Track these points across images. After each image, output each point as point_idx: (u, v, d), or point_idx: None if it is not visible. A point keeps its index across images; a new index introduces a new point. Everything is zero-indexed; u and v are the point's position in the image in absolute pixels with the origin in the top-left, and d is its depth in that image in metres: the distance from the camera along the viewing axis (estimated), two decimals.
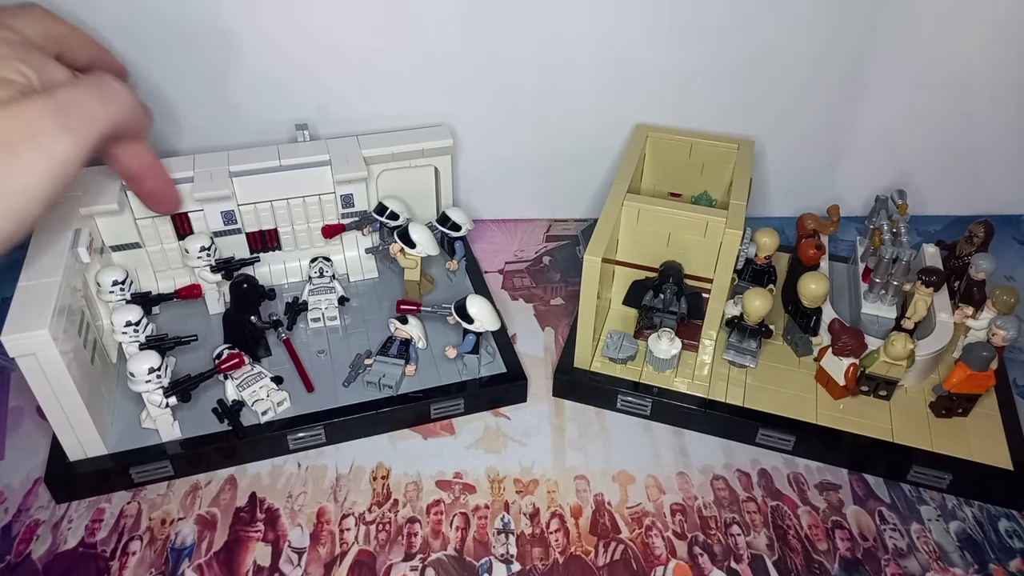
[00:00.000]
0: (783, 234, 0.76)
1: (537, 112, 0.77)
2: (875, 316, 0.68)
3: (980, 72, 0.76)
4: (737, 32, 0.72)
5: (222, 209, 0.68)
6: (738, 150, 0.71)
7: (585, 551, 0.56)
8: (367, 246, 0.75)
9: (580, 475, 0.61)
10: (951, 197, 0.87)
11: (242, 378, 0.61)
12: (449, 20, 0.69)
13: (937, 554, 0.56)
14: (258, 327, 0.66)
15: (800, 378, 0.66)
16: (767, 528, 0.58)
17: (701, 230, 0.63)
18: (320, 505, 0.58)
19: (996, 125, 0.81)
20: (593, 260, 0.59)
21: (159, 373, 0.56)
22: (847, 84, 0.77)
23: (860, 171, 0.84)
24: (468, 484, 0.60)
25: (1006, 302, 0.63)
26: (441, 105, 0.75)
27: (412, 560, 0.55)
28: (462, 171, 0.80)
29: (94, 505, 0.58)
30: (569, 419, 0.65)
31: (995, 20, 0.73)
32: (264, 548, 0.55)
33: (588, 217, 0.87)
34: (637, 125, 0.74)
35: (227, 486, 0.59)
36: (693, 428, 0.64)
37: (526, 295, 0.78)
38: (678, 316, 0.66)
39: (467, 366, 0.65)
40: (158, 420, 0.58)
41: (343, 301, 0.71)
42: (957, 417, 0.62)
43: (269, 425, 0.60)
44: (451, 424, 0.65)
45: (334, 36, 0.69)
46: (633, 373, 0.66)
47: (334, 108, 0.73)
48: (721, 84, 0.76)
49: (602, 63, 0.74)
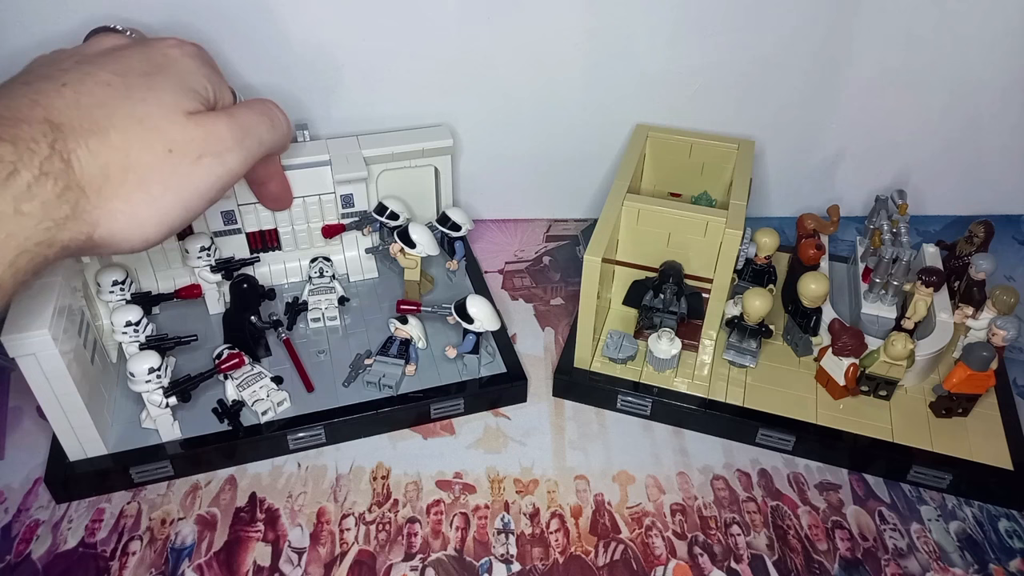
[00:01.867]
0: (783, 234, 0.76)
1: (537, 112, 0.77)
2: (875, 316, 0.68)
3: (980, 72, 0.77)
4: (737, 32, 0.72)
5: (222, 209, 0.68)
6: (738, 150, 0.71)
7: (585, 551, 0.56)
8: (367, 246, 0.75)
9: (580, 475, 0.61)
10: (951, 197, 0.87)
11: (242, 378, 0.61)
12: (450, 20, 0.69)
13: (937, 554, 0.56)
14: (258, 327, 0.66)
15: (800, 378, 0.66)
16: (767, 528, 0.58)
17: (701, 230, 0.63)
18: (320, 505, 0.58)
19: (996, 125, 0.81)
20: (593, 260, 0.59)
21: (159, 373, 0.56)
22: (847, 84, 0.77)
23: (860, 171, 0.84)
24: (468, 484, 0.60)
25: (1006, 302, 0.63)
26: (441, 105, 0.75)
27: (412, 560, 0.55)
28: (462, 171, 0.80)
29: (94, 505, 0.58)
30: (569, 419, 0.65)
31: (996, 20, 0.73)
32: (264, 548, 0.55)
33: (588, 217, 0.87)
34: (637, 125, 0.74)
35: (227, 486, 0.59)
36: (693, 428, 0.64)
37: (526, 295, 0.78)
38: (678, 316, 0.66)
39: (467, 366, 0.65)
40: (158, 420, 0.58)
41: (343, 301, 0.71)
42: (957, 417, 0.62)
43: (269, 425, 0.60)
44: (451, 424, 0.65)
45: (334, 36, 0.69)
46: (633, 373, 0.66)
47: (334, 108, 0.73)
48: (721, 84, 0.76)
49: (602, 63, 0.74)
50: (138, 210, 0.44)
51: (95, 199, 0.42)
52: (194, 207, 0.47)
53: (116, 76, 0.45)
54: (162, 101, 0.45)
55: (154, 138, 0.44)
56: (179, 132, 0.45)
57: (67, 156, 0.40)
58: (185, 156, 0.45)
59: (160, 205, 0.45)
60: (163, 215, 0.45)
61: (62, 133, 0.41)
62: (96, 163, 0.41)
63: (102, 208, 0.42)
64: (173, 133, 0.45)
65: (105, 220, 0.43)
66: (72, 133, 0.41)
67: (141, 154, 0.43)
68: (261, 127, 0.51)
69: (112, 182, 0.42)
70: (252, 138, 0.50)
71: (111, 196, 0.42)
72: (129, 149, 0.43)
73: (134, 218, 0.44)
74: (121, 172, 0.43)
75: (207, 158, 0.46)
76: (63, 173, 0.40)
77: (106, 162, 0.42)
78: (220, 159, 0.47)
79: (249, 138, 0.50)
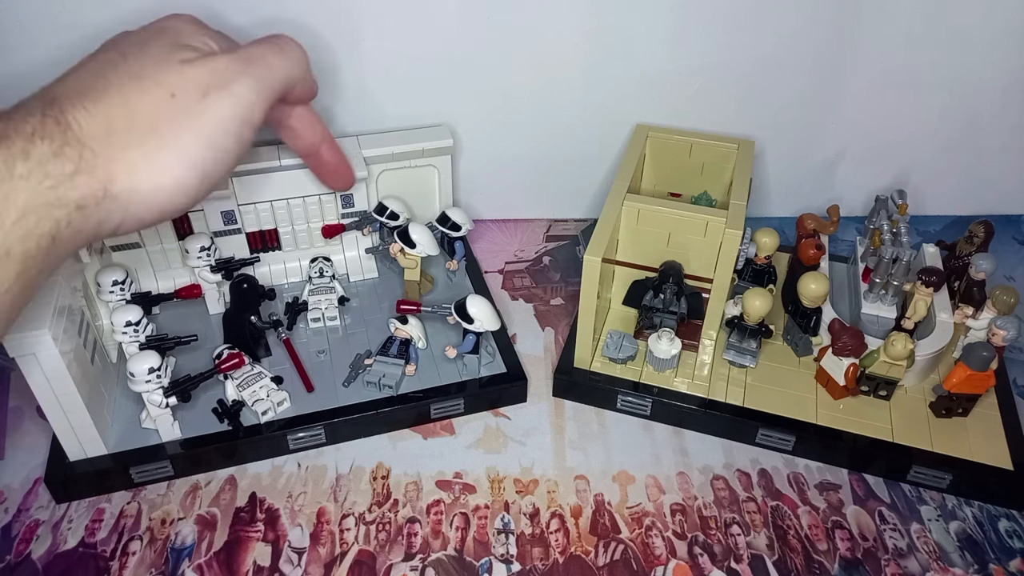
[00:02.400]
0: (783, 234, 0.76)
1: (537, 112, 0.77)
2: (875, 316, 0.68)
3: (981, 72, 0.77)
4: (737, 32, 0.72)
5: (222, 209, 0.68)
6: (738, 150, 0.71)
7: (585, 551, 0.56)
8: (367, 246, 0.75)
9: (580, 475, 0.61)
10: (951, 197, 0.87)
11: (242, 378, 0.61)
12: (450, 20, 0.69)
13: (937, 554, 0.56)
14: (258, 327, 0.66)
15: (800, 378, 0.66)
16: (767, 528, 0.58)
17: (701, 230, 0.63)
18: (320, 505, 0.58)
19: (996, 125, 0.81)
20: (593, 260, 0.59)
21: (159, 373, 0.56)
22: (847, 84, 0.77)
23: (860, 171, 0.84)
24: (468, 484, 0.60)
25: (1006, 302, 0.63)
26: (441, 105, 0.75)
27: (412, 560, 0.55)
28: (462, 171, 0.80)
29: (94, 505, 0.58)
30: (569, 419, 0.65)
31: (996, 20, 0.73)
32: (264, 548, 0.55)
33: (588, 217, 0.87)
34: (637, 125, 0.74)
35: (227, 486, 0.59)
36: (693, 428, 0.64)
37: (526, 295, 0.78)
38: (678, 316, 0.66)
39: (467, 366, 0.65)
40: (158, 420, 0.58)
41: (343, 301, 0.71)
42: (957, 417, 0.62)
43: (269, 425, 0.60)
44: (451, 424, 0.65)
45: (334, 36, 0.69)
46: (633, 373, 0.66)
47: (335, 108, 0.73)
48: (721, 84, 0.76)
49: (602, 63, 0.74)
50: (157, 155, 0.43)
51: (102, 150, 0.41)
52: (220, 143, 0.46)
53: (113, 52, 0.46)
54: (158, 56, 0.45)
55: (152, 86, 0.44)
56: (176, 76, 0.45)
57: (62, 119, 0.40)
58: (189, 96, 0.45)
59: (179, 145, 0.44)
60: (187, 156, 0.45)
61: (57, 101, 0.41)
62: (96, 120, 0.41)
63: (115, 160, 0.42)
64: (171, 78, 0.45)
65: (123, 172, 0.42)
66: (67, 99, 0.41)
67: (143, 103, 0.43)
68: (268, 54, 0.50)
69: (118, 132, 0.42)
70: (258, 64, 0.49)
71: (122, 146, 0.42)
72: (129, 102, 0.43)
73: (155, 164, 0.43)
74: (127, 122, 0.42)
75: (213, 91, 0.45)
76: (58, 133, 0.40)
77: (108, 116, 0.42)
78: (228, 90, 0.46)
79: (255, 65, 0.48)
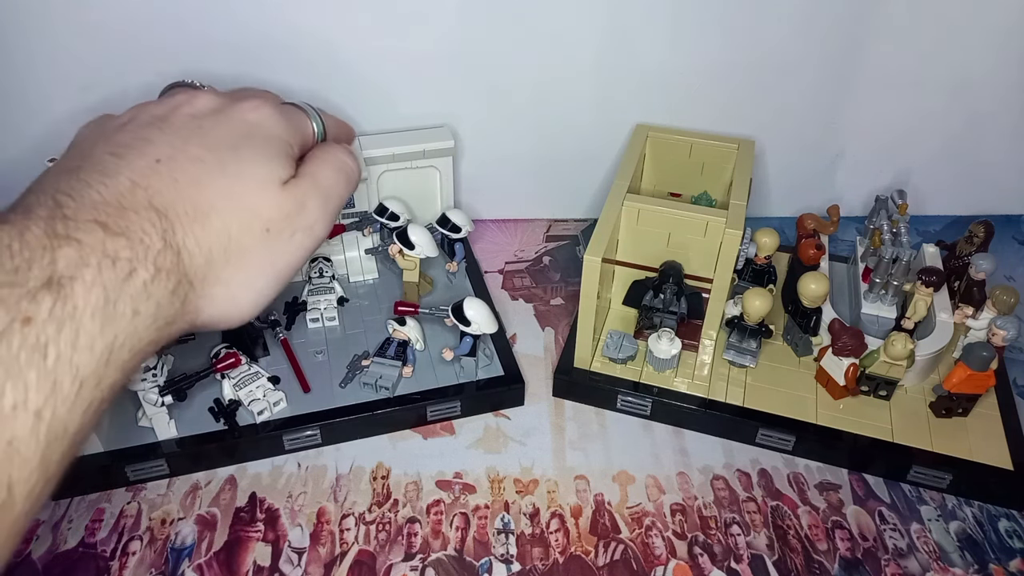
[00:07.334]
0: (783, 234, 0.76)
1: (537, 112, 0.77)
2: (875, 316, 0.68)
3: (981, 72, 0.76)
4: (737, 32, 0.72)
5: None
6: (738, 150, 0.71)
7: (585, 551, 0.56)
8: (367, 247, 0.75)
9: (580, 475, 0.61)
10: (951, 197, 0.87)
11: (239, 377, 0.61)
12: (450, 20, 0.69)
13: (937, 554, 0.56)
14: (256, 327, 0.66)
15: (800, 378, 0.66)
16: (767, 528, 0.58)
17: (701, 230, 0.63)
18: (320, 505, 0.58)
19: (996, 125, 0.81)
20: (593, 260, 0.59)
21: (155, 371, 0.56)
22: (847, 84, 0.77)
23: (860, 171, 0.83)
24: (468, 484, 0.60)
25: (1006, 302, 0.63)
26: (442, 106, 0.75)
27: (412, 560, 0.55)
28: (462, 171, 0.80)
29: (94, 505, 0.58)
30: (569, 419, 0.65)
31: (996, 20, 0.73)
32: (264, 548, 0.55)
33: (588, 217, 0.87)
34: (637, 125, 0.74)
35: (227, 486, 0.59)
36: (693, 428, 0.64)
37: (526, 295, 0.77)
38: (678, 316, 0.66)
39: (464, 368, 0.65)
40: (154, 419, 0.58)
41: (342, 302, 0.71)
42: (957, 417, 0.62)
43: (265, 425, 0.60)
44: (451, 424, 0.65)
45: (334, 37, 0.69)
46: (633, 373, 0.66)
47: (335, 109, 0.73)
48: (721, 84, 0.76)
49: (602, 63, 0.74)
50: (237, 292, 0.43)
51: (200, 288, 0.40)
52: (286, 279, 0.47)
53: (206, 151, 0.43)
54: (255, 175, 0.44)
55: (252, 218, 0.43)
56: (275, 209, 0.45)
57: (177, 248, 0.39)
58: (281, 234, 0.45)
59: (257, 285, 0.45)
60: (259, 293, 0.45)
61: (169, 222, 0.39)
62: (201, 252, 0.40)
63: (204, 295, 0.41)
64: (270, 211, 0.44)
65: (206, 306, 0.41)
66: (178, 221, 0.39)
67: (241, 237, 0.43)
68: (340, 187, 0.51)
69: (215, 265, 0.41)
70: (334, 200, 0.50)
71: (214, 281, 0.41)
72: (229, 232, 0.42)
73: (233, 300, 0.43)
74: (223, 256, 0.42)
75: (299, 233, 0.46)
76: (175, 267, 0.38)
77: (209, 248, 0.41)
78: (311, 232, 0.47)
79: (331, 201, 0.49)
